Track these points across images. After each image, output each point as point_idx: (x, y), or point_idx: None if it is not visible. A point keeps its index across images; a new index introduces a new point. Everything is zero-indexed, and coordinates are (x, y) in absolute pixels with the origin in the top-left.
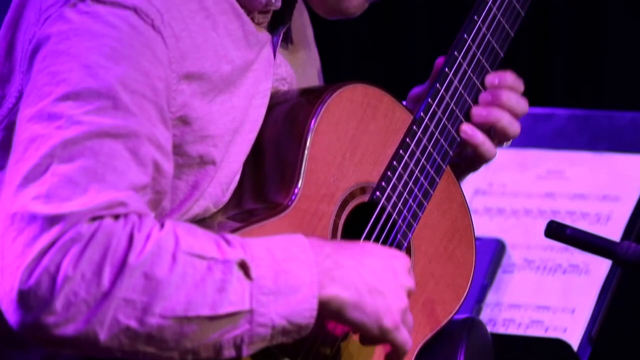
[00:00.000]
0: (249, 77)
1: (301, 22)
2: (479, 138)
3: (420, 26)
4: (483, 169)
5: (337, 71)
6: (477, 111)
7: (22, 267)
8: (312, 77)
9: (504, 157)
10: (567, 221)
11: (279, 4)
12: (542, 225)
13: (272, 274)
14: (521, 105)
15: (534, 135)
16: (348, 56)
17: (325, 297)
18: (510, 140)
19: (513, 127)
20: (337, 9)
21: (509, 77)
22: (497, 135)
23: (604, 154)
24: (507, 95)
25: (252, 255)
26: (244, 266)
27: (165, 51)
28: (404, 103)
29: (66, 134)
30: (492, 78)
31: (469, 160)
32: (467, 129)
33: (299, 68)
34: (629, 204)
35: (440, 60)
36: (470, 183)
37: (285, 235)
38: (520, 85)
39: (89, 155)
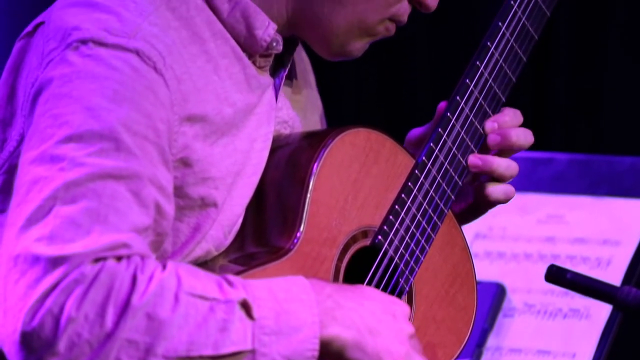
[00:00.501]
0: (252, 121)
1: (303, 67)
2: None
3: (422, 68)
4: None
5: (338, 114)
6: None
7: (25, 309)
8: (315, 122)
9: None
10: (568, 265)
11: (280, 47)
12: (542, 270)
13: (274, 314)
14: (528, 138)
15: (534, 180)
16: (349, 98)
17: (327, 337)
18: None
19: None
20: (340, 52)
21: (508, 115)
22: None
23: (604, 199)
24: (516, 134)
25: (254, 296)
26: (246, 306)
27: (167, 93)
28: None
29: (69, 176)
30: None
31: (472, 206)
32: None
33: (301, 112)
34: (629, 248)
35: (442, 105)
36: (471, 227)
37: (287, 276)
38: (519, 117)
39: (91, 197)
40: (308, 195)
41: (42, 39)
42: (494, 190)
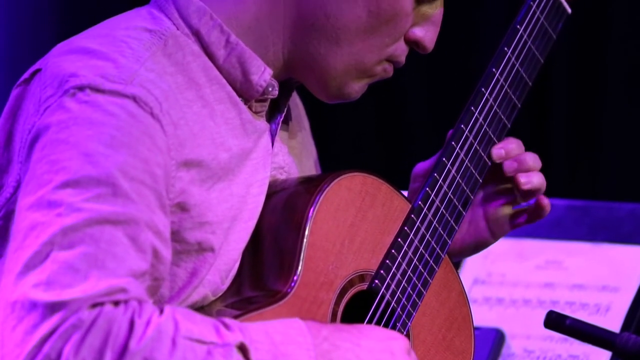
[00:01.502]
0: (248, 166)
1: (297, 113)
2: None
3: (419, 110)
4: (482, 259)
5: (335, 156)
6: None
7: (23, 355)
8: (310, 167)
9: (502, 247)
10: (567, 311)
11: (276, 92)
12: (541, 316)
13: (271, 357)
14: (538, 161)
15: (533, 225)
16: (346, 140)
17: None
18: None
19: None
20: (338, 94)
21: (514, 142)
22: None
23: (602, 245)
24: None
25: (251, 339)
26: (243, 349)
27: (164, 138)
28: (405, 192)
29: (66, 222)
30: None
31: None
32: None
33: (297, 157)
34: (628, 295)
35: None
36: (469, 272)
37: (283, 319)
38: (522, 146)
39: (89, 242)
40: (304, 239)
41: (39, 85)
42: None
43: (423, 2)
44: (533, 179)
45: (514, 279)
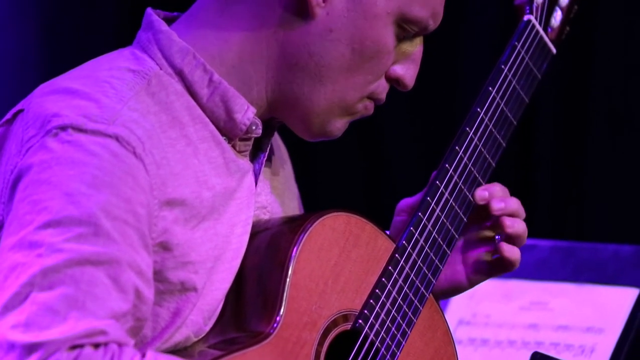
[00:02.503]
0: (232, 205)
1: (280, 154)
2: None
3: (403, 152)
4: (467, 300)
5: (318, 196)
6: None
7: None
8: (293, 208)
9: (487, 288)
10: (551, 352)
11: (260, 131)
12: (526, 357)
13: None
14: (521, 208)
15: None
16: (330, 180)
17: None
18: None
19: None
20: (320, 132)
21: (498, 185)
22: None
23: (587, 286)
24: (514, 201)
25: None
26: None
27: (146, 178)
28: (388, 232)
29: (46, 262)
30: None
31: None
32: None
33: (279, 197)
34: (612, 336)
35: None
36: (454, 313)
37: None
38: (506, 190)
39: (69, 283)
40: (287, 279)
41: (22, 126)
42: (509, 249)
43: (404, 40)
44: (516, 224)
45: (499, 320)
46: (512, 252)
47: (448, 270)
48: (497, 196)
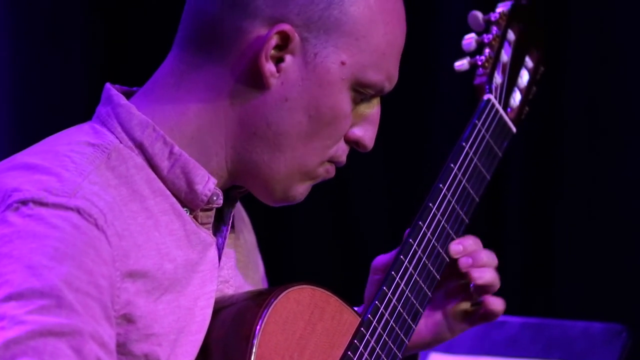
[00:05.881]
0: (195, 278)
1: (243, 226)
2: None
3: (374, 217)
4: None
5: (287, 267)
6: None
7: None
8: (257, 281)
9: None
10: None
11: (221, 201)
12: None
13: None
14: (494, 258)
15: (487, 343)
16: (300, 248)
17: None
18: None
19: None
20: (283, 197)
21: (471, 238)
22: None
23: None
24: (485, 254)
25: None
26: None
27: (108, 250)
28: (355, 308)
29: (9, 334)
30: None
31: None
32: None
33: (243, 270)
34: None
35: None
36: None
37: None
38: (480, 243)
39: (32, 355)
40: (253, 352)
41: None
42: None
43: (361, 102)
44: (485, 274)
45: None
46: (491, 302)
47: (430, 322)
48: (469, 250)
